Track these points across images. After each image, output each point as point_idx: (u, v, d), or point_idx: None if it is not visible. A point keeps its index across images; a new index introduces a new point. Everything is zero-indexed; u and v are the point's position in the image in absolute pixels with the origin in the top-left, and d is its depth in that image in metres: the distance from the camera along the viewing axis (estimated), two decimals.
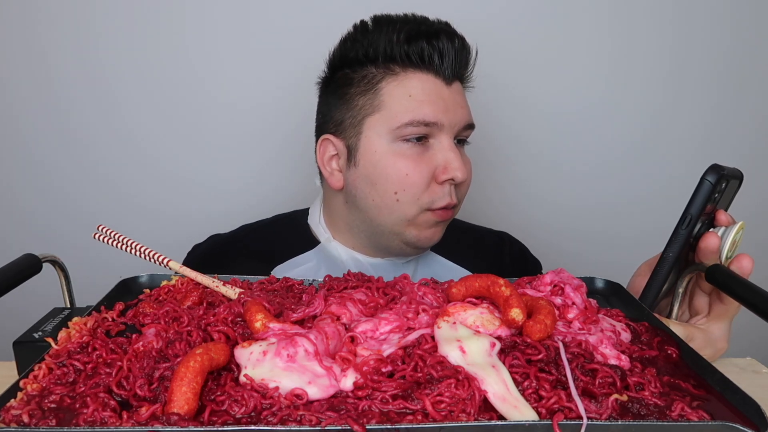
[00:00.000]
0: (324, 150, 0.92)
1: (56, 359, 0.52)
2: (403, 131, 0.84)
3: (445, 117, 0.84)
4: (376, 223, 0.89)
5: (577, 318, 0.60)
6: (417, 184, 0.84)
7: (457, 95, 0.87)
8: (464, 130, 0.89)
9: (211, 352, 0.48)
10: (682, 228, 0.70)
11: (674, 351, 0.56)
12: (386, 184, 0.85)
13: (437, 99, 0.84)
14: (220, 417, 0.44)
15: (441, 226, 0.90)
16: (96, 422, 0.44)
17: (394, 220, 0.87)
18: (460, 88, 0.90)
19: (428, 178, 0.85)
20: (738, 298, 0.62)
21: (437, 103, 0.84)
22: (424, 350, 0.52)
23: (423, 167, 0.84)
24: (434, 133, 0.85)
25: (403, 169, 0.84)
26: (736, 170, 0.73)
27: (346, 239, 0.96)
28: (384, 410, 0.45)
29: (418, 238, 0.88)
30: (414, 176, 0.84)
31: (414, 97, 0.84)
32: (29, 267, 0.66)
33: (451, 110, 0.85)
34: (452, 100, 0.86)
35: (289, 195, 1.35)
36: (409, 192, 0.84)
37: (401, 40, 0.84)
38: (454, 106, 0.86)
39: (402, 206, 0.85)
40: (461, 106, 0.88)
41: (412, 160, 0.84)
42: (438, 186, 0.85)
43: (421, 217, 0.87)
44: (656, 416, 0.45)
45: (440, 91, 0.85)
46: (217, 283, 0.70)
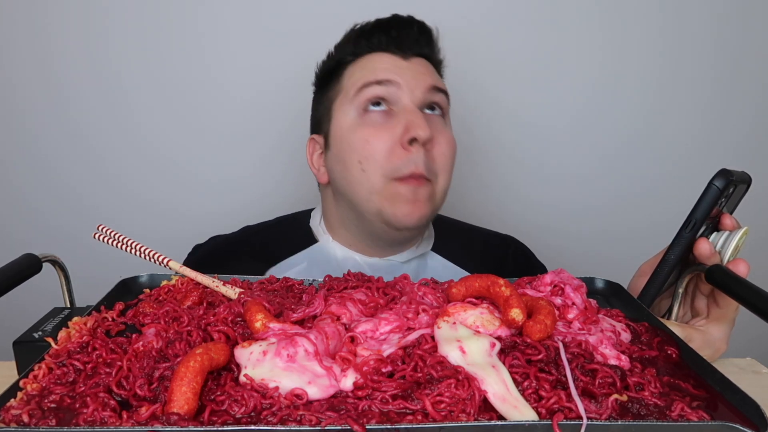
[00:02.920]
0: (312, 150, 0.96)
1: (56, 359, 0.52)
2: (362, 95, 0.86)
3: (401, 78, 0.86)
4: (354, 205, 0.89)
5: (577, 318, 0.60)
6: (378, 150, 0.84)
7: (416, 65, 0.89)
8: (431, 93, 0.88)
9: (211, 352, 0.48)
10: (685, 231, 0.70)
11: (674, 351, 0.56)
12: (351, 156, 0.86)
13: (391, 66, 0.87)
14: (220, 417, 0.44)
15: (419, 203, 0.86)
16: (96, 422, 0.44)
17: (365, 194, 0.86)
18: (424, 62, 0.91)
19: (390, 144, 0.84)
20: (738, 298, 0.62)
21: (391, 69, 0.87)
22: (424, 350, 0.52)
23: (384, 133, 0.84)
24: (396, 99, 0.86)
25: (363, 137, 0.85)
26: (744, 174, 0.72)
27: (343, 237, 0.96)
28: (384, 410, 0.45)
29: (395, 215, 0.85)
30: (374, 142, 0.84)
31: (368, 68, 0.88)
32: (29, 267, 0.66)
33: (408, 74, 0.86)
34: (410, 68, 0.88)
35: (289, 192, 1.35)
36: (372, 159, 0.84)
37: (360, 34, 0.92)
38: (413, 72, 0.87)
39: (368, 176, 0.85)
40: (422, 72, 0.88)
41: (374, 128, 0.85)
42: (402, 151, 0.83)
43: (390, 189, 0.84)
44: (656, 416, 0.45)
45: (395, 61, 0.88)
46: (217, 283, 0.70)
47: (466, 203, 1.41)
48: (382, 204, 0.86)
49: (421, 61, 0.90)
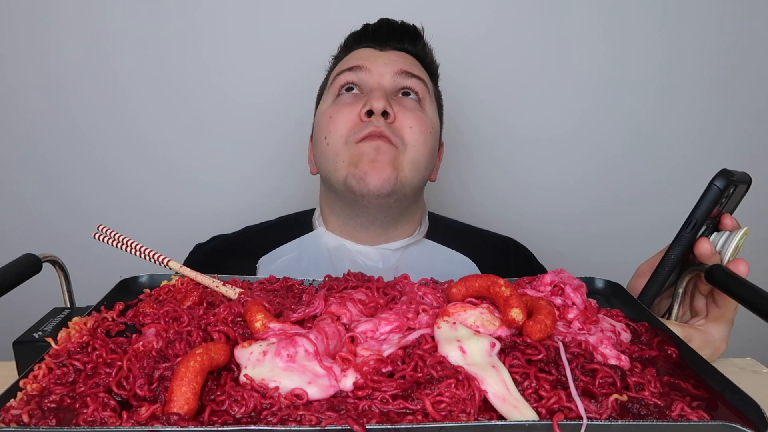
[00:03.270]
0: (310, 149, 1.01)
1: (56, 359, 0.52)
2: (335, 83, 0.93)
3: (371, 64, 0.91)
4: (327, 181, 0.92)
5: (577, 318, 0.60)
6: (340, 122, 0.88)
7: (391, 55, 0.94)
8: (402, 77, 0.92)
9: (211, 352, 0.48)
10: (686, 231, 0.70)
11: (674, 351, 0.56)
12: (319, 135, 0.92)
13: (365, 56, 0.94)
14: (220, 417, 0.44)
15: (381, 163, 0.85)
16: (96, 422, 0.44)
17: (332, 165, 0.89)
18: (402, 54, 0.95)
19: (352, 117, 0.88)
20: (737, 298, 0.62)
21: (364, 58, 0.93)
22: (424, 350, 0.52)
23: (347, 109, 0.89)
24: (364, 82, 0.91)
25: (329, 115, 0.90)
26: (745, 175, 0.72)
27: (334, 225, 0.97)
28: (384, 410, 0.45)
29: (358, 177, 0.85)
30: (336, 117, 0.89)
31: (345, 60, 0.95)
32: (29, 267, 0.66)
33: (380, 62, 0.92)
34: (383, 56, 0.94)
35: (290, 193, 1.35)
36: (334, 132, 0.88)
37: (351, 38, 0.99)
38: (386, 60, 0.92)
39: (331, 147, 0.89)
40: (394, 60, 0.93)
41: (339, 106, 0.90)
42: (361, 122, 0.88)
43: (352, 150, 0.87)
44: (656, 416, 0.45)
45: (370, 52, 0.95)
46: (217, 283, 0.70)
47: (464, 206, 1.41)
48: (348, 170, 0.87)
49: (398, 53, 0.95)
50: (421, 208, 1.02)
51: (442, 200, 1.38)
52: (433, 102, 0.96)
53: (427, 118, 0.92)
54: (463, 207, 1.40)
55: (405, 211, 0.95)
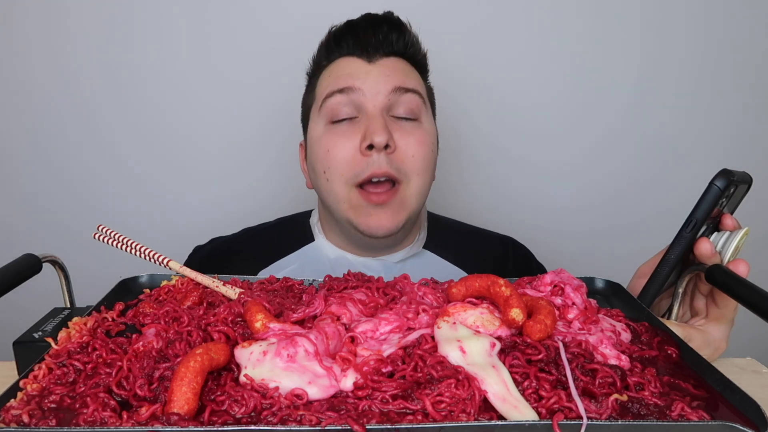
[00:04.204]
0: (302, 155, 0.98)
1: (56, 359, 0.52)
2: (327, 105, 0.86)
3: (363, 83, 0.85)
4: (330, 211, 0.90)
5: (577, 318, 0.60)
6: (339, 158, 0.84)
7: (382, 68, 0.87)
8: (398, 95, 0.86)
9: (211, 352, 0.48)
10: (686, 231, 0.70)
11: (674, 351, 0.56)
12: (318, 166, 0.87)
13: (354, 71, 0.87)
14: (220, 417, 0.44)
15: (387, 212, 0.85)
16: (96, 422, 0.44)
17: (334, 202, 0.87)
18: (393, 63, 0.89)
19: (351, 151, 0.84)
20: (737, 298, 0.62)
21: (354, 74, 0.86)
22: (424, 350, 0.52)
23: (345, 142, 0.84)
24: (360, 106, 0.85)
25: (325, 146, 0.86)
26: (745, 174, 0.72)
27: (333, 237, 0.97)
28: (384, 410, 0.45)
29: (367, 225, 0.85)
30: (335, 152, 0.84)
31: (333, 75, 0.89)
32: (29, 267, 0.66)
33: (372, 79, 0.85)
34: (375, 71, 0.87)
35: (288, 200, 1.35)
36: (333, 169, 0.85)
37: (331, 39, 0.91)
38: (377, 76, 0.86)
39: (332, 185, 0.86)
40: (386, 75, 0.87)
41: (336, 136, 0.85)
42: (362, 158, 0.83)
43: (354, 198, 0.85)
44: (656, 416, 0.45)
45: (359, 66, 0.87)
46: (217, 283, 0.70)
47: (461, 204, 1.41)
48: (349, 213, 0.86)
49: (389, 62, 0.88)
50: (422, 214, 1.01)
51: (441, 197, 1.37)
52: (428, 107, 0.92)
53: (426, 132, 0.88)
54: (460, 207, 1.39)
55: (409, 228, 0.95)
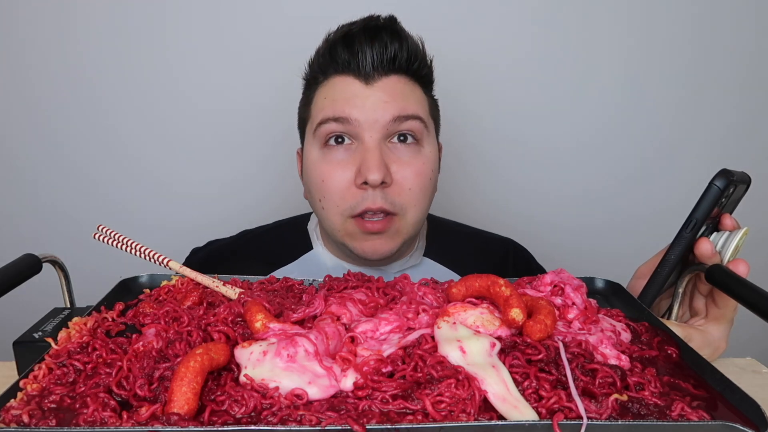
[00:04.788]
0: (299, 163, 0.96)
1: (56, 359, 0.52)
2: (321, 131, 0.83)
3: (359, 113, 0.81)
4: (327, 233, 0.90)
5: (577, 318, 0.60)
6: (334, 190, 0.82)
7: (380, 92, 0.82)
8: (397, 123, 0.82)
9: (211, 352, 0.48)
10: (686, 231, 0.70)
11: (674, 351, 0.56)
12: (313, 192, 0.86)
13: (351, 97, 0.82)
14: (220, 417, 0.44)
15: (382, 239, 0.84)
16: (96, 422, 0.44)
17: (329, 227, 0.86)
18: (392, 84, 0.83)
19: (345, 183, 0.81)
20: (737, 298, 0.62)
21: (351, 100, 0.82)
22: (424, 350, 0.52)
23: (339, 172, 0.82)
24: (357, 135, 0.82)
25: (320, 176, 0.84)
26: (744, 174, 0.72)
27: (331, 247, 0.96)
28: (384, 410, 0.45)
29: (362, 250, 0.85)
30: (330, 182, 0.82)
31: (329, 98, 0.84)
32: (29, 267, 0.66)
33: (369, 107, 0.81)
34: (372, 97, 0.82)
35: (283, 198, 1.35)
36: (328, 199, 0.83)
37: (326, 48, 0.86)
38: (375, 103, 0.81)
39: (327, 214, 0.85)
40: (385, 101, 0.82)
41: (331, 166, 0.83)
42: (357, 190, 0.81)
43: (349, 227, 0.84)
44: (656, 416, 0.45)
45: (356, 90, 0.82)
46: (217, 283, 0.70)
47: (464, 201, 1.41)
48: (345, 239, 0.86)
49: (389, 83, 0.83)
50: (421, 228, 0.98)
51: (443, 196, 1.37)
52: (430, 128, 0.87)
53: (425, 159, 0.85)
54: (465, 200, 1.39)
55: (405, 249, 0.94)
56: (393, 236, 0.85)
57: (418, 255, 0.98)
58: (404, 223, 0.85)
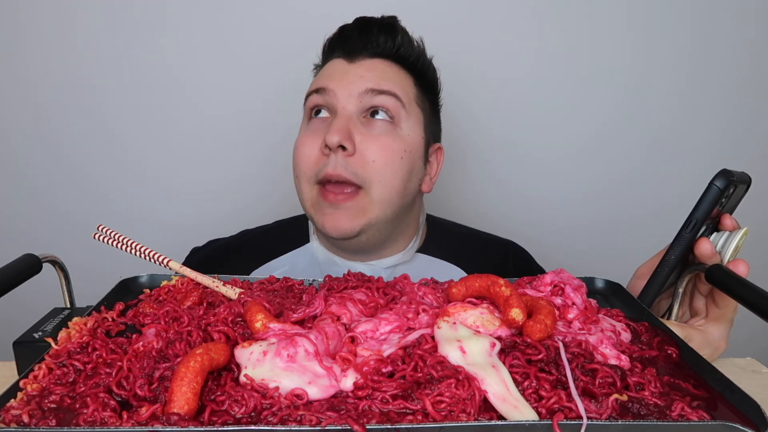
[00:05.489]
0: None
1: (56, 359, 0.52)
2: (306, 106, 0.89)
3: (337, 84, 0.84)
4: (304, 210, 0.90)
5: (577, 318, 0.60)
6: (305, 157, 0.85)
7: (360, 68, 0.86)
8: (370, 96, 0.83)
9: (211, 352, 0.48)
10: (686, 231, 0.70)
11: (674, 351, 0.56)
12: (293, 165, 0.88)
13: (334, 72, 0.87)
14: (220, 417, 0.44)
15: (345, 215, 0.83)
16: (96, 422, 0.44)
17: (303, 203, 0.88)
18: (375, 64, 0.86)
19: (315, 151, 0.84)
20: (737, 298, 0.62)
21: (332, 75, 0.87)
22: (424, 350, 0.52)
23: (311, 140, 0.85)
24: (332, 105, 0.85)
25: (296, 146, 0.87)
26: (744, 175, 0.72)
27: (323, 241, 0.96)
28: (384, 410, 0.45)
29: (323, 225, 0.85)
30: (302, 149, 0.86)
31: (318, 76, 0.90)
32: (29, 267, 0.66)
33: (346, 79, 0.85)
34: (352, 72, 0.86)
35: (282, 196, 1.35)
36: (300, 167, 0.86)
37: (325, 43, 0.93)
38: (353, 77, 0.85)
39: (300, 183, 0.87)
40: (362, 76, 0.85)
41: (305, 136, 0.87)
42: (323, 157, 0.83)
43: (314, 195, 0.85)
44: (656, 416, 0.45)
45: (340, 66, 0.87)
46: (217, 283, 0.70)
47: (460, 204, 1.41)
48: (311, 210, 0.87)
49: (371, 63, 0.86)
50: (413, 220, 0.97)
51: (445, 196, 1.37)
52: (411, 113, 0.87)
53: (399, 139, 0.84)
54: (458, 208, 1.39)
55: (390, 234, 0.91)
56: (355, 214, 0.83)
57: (411, 252, 0.98)
58: (368, 200, 0.83)
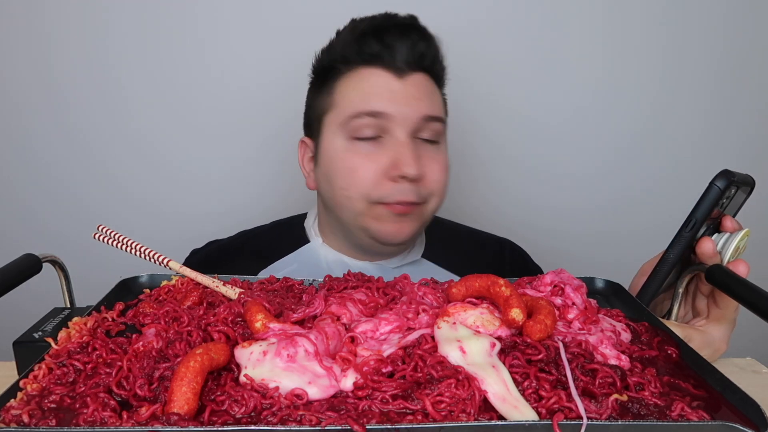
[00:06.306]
0: (303, 152, 0.95)
1: (56, 359, 0.52)
2: (353, 124, 0.84)
3: (394, 107, 0.82)
4: (341, 220, 0.90)
5: (577, 318, 0.60)
6: (363, 180, 0.83)
7: (411, 87, 0.84)
8: (425, 123, 0.84)
9: (211, 352, 0.48)
10: (685, 230, 0.70)
11: (674, 351, 0.56)
12: (337, 181, 0.86)
13: (385, 91, 0.83)
14: (220, 417, 0.44)
15: (407, 221, 0.86)
16: (96, 422, 0.44)
17: (350, 215, 0.87)
18: (420, 81, 0.86)
19: (377, 175, 0.83)
20: (737, 298, 0.62)
21: (384, 94, 0.83)
22: (424, 350, 0.52)
23: (371, 164, 0.83)
24: (387, 128, 0.83)
25: (350, 165, 0.84)
26: (747, 177, 0.72)
27: (332, 241, 0.96)
28: (384, 410, 0.45)
29: (381, 232, 0.86)
30: (361, 172, 0.83)
31: (361, 90, 0.84)
32: (29, 267, 0.66)
33: (401, 102, 0.83)
34: (404, 92, 0.83)
35: (283, 193, 1.35)
36: (356, 188, 0.84)
37: (353, 39, 0.86)
38: (407, 98, 0.83)
39: (351, 202, 0.85)
40: (416, 98, 0.84)
41: (362, 157, 0.84)
42: (389, 183, 0.83)
43: (375, 210, 0.85)
44: (656, 416, 0.45)
45: (390, 83, 0.84)
46: (217, 283, 0.70)
47: (462, 206, 1.40)
48: (369, 223, 0.86)
49: (417, 80, 0.85)
50: None
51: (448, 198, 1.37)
52: (446, 127, 0.91)
53: (445, 155, 0.89)
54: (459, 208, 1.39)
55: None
56: (415, 223, 0.87)
57: (417, 251, 0.99)
58: (426, 209, 0.88)
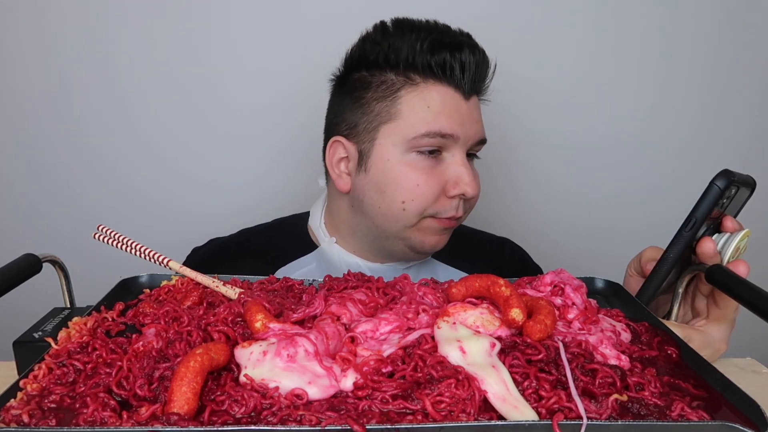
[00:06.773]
0: (334, 151, 0.91)
1: (56, 359, 0.52)
2: (419, 142, 0.83)
3: (460, 130, 0.84)
4: (381, 229, 0.89)
5: (577, 318, 0.60)
6: (426, 195, 0.84)
7: (473, 110, 0.87)
8: (476, 144, 0.89)
9: (211, 352, 0.48)
10: (685, 230, 0.70)
11: (674, 351, 0.56)
12: (395, 193, 0.85)
13: (454, 112, 0.84)
14: (220, 417, 0.44)
15: (446, 233, 0.90)
16: (96, 422, 0.44)
17: (399, 227, 0.87)
18: (477, 103, 0.89)
19: (438, 191, 0.85)
20: (737, 298, 0.62)
21: (454, 116, 0.83)
22: (424, 350, 0.52)
23: (434, 180, 0.84)
24: (448, 147, 0.85)
25: (414, 180, 0.84)
26: (748, 177, 0.72)
27: (347, 243, 0.96)
28: (384, 410, 0.45)
29: (423, 244, 0.88)
30: (424, 188, 0.84)
31: (432, 108, 0.83)
32: (29, 267, 0.66)
33: (466, 124, 0.85)
34: (468, 114, 0.86)
35: (293, 194, 1.35)
36: (417, 202, 0.84)
37: (424, 49, 0.82)
38: (470, 121, 0.86)
39: (407, 215, 0.85)
40: (476, 120, 0.87)
41: (424, 172, 0.84)
42: (447, 199, 0.86)
43: (425, 223, 0.87)
44: (656, 416, 0.45)
45: (458, 104, 0.84)
46: (217, 283, 0.70)
47: None
48: (413, 234, 0.88)
49: (476, 103, 0.88)
50: None
51: None
52: None
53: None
54: None
55: None
56: (451, 231, 0.92)
57: None
58: (463, 218, 0.92)
